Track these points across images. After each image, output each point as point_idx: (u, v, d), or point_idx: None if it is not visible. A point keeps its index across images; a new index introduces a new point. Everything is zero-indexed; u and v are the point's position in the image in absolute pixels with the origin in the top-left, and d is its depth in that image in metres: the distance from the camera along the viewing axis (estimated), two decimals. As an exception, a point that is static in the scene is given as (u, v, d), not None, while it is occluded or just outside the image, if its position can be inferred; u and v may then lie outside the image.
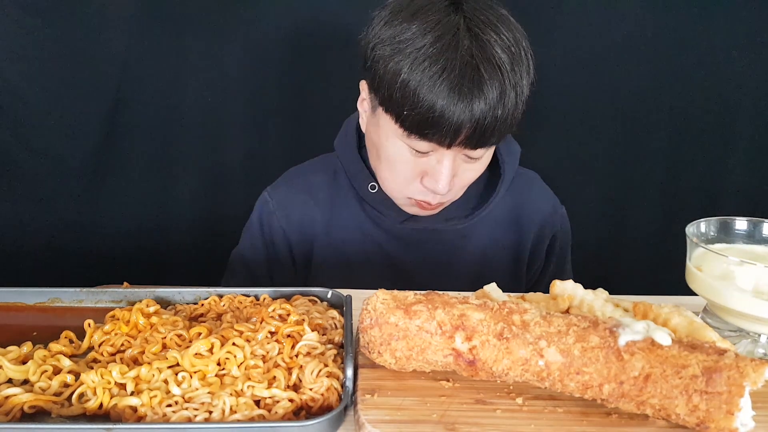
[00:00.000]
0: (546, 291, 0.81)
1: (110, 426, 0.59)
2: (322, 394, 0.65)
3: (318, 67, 1.40)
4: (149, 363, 0.67)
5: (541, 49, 1.37)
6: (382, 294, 0.69)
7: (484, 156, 0.98)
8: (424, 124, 0.88)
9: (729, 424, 0.57)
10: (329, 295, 0.83)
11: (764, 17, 1.40)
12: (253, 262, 1.17)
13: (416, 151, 0.94)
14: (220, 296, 0.82)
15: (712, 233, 0.86)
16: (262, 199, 1.18)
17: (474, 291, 0.79)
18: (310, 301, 0.82)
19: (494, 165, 1.14)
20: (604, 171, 1.52)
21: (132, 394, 0.64)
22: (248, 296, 0.82)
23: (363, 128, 1.07)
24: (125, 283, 0.87)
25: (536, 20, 1.37)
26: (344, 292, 0.82)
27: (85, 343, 0.74)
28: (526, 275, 1.23)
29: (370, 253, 1.15)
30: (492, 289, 0.77)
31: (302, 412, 0.65)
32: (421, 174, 0.97)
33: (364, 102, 1.03)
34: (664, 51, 1.42)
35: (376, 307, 0.68)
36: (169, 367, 0.67)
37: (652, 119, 1.48)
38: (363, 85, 1.01)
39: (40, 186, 1.38)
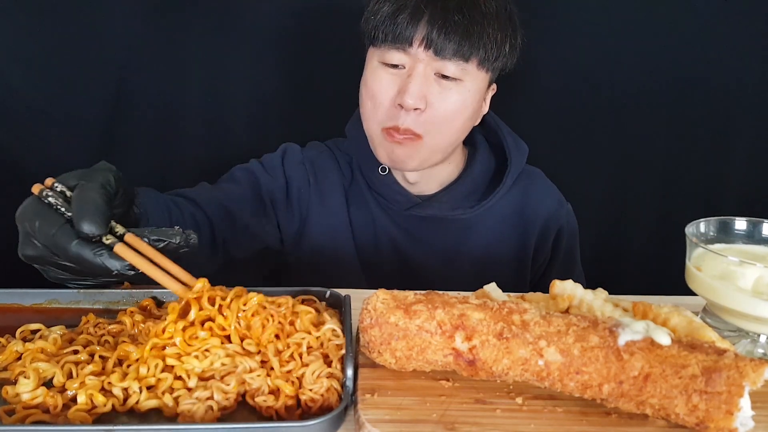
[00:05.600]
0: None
1: (110, 427, 0.59)
2: (322, 395, 0.65)
3: (320, 61, 1.40)
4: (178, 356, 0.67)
5: (543, 49, 1.38)
6: (382, 294, 0.69)
7: (462, 88, 1.00)
8: (385, 23, 0.97)
9: (728, 423, 0.57)
10: (328, 295, 0.82)
11: (765, 17, 1.40)
12: (263, 183, 1.16)
13: (390, 66, 0.99)
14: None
15: (711, 233, 0.86)
16: (290, 146, 1.21)
17: (478, 284, 0.79)
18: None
19: (501, 160, 1.16)
20: (604, 171, 1.52)
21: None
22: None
23: None
24: (125, 284, 0.87)
25: (538, 20, 1.37)
26: (343, 292, 0.81)
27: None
28: (531, 269, 1.23)
29: (378, 241, 1.16)
30: (492, 288, 0.77)
31: (301, 411, 0.64)
32: (397, 96, 0.99)
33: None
34: (664, 51, 1.42)
35: (376, 307, 0.68)
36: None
37: (652, 119, 1.48)
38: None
39: (40, 186, 1.38)
